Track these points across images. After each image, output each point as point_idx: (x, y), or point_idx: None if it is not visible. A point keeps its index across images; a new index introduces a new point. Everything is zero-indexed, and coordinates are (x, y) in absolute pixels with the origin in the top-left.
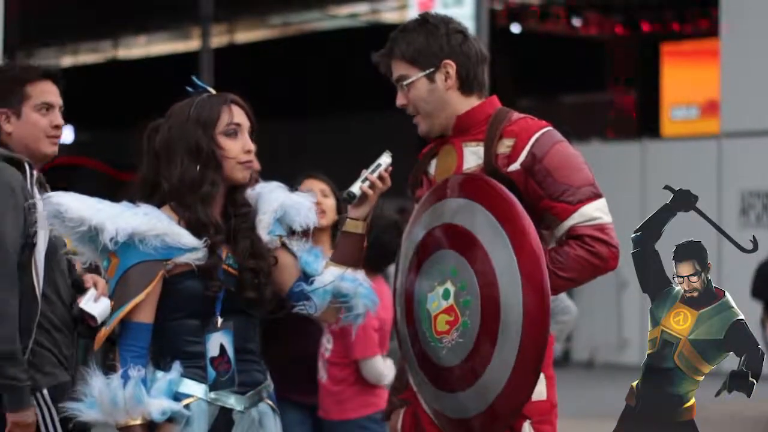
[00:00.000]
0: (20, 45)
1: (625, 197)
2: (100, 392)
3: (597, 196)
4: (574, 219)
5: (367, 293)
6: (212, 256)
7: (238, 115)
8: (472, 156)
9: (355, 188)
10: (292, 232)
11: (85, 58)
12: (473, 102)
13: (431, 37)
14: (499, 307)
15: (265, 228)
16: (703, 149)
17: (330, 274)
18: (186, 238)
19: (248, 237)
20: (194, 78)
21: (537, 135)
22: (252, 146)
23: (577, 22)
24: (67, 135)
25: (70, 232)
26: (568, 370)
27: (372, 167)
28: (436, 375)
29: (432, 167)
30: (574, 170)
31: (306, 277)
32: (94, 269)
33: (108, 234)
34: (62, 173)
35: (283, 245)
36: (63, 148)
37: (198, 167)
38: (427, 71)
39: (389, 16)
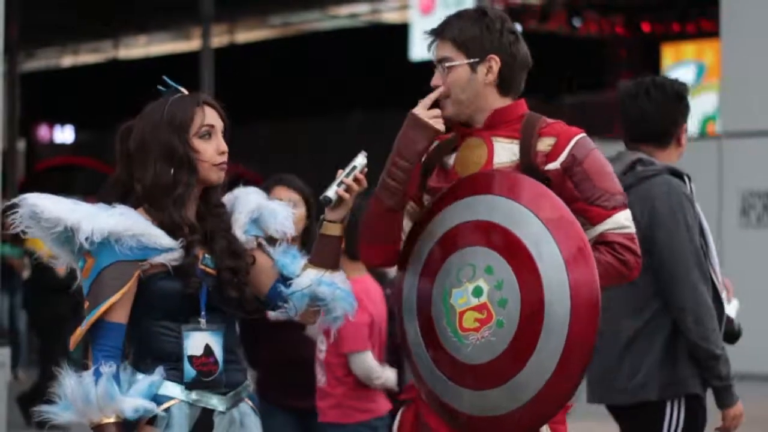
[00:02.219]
0: (21, 45)
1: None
2: (73, 391)
3: (626, 205)
4: (607, 225)
5: (344, 296)
6: (188, 256)
7: (211, 117)
8: (504, 152)
9: (331, 192)
10: (269, 239)
11: (86, 58)
12: (507, 101)
13: (485, 30)
14: (543, 311)
15: (240, 227)
16: (704, 149)
17: (307, 278)
18: (162, 239)
19: (225, 237)
20: (165, 78)
21: (577, 138)
22: (225, 147)
23: (577, 22)
24: (68, 135)
25: (46, 233)
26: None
27: (347, 170)
28: (455, 371)
29: (450, 158)
30: (609, 177)
31: (284, 279)
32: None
33: (84, 234)
34: (64, 173)
35: (260, 246)
36: (64, 148)
37: (172, 170)
38: (472, 60)
39: (389, 17)
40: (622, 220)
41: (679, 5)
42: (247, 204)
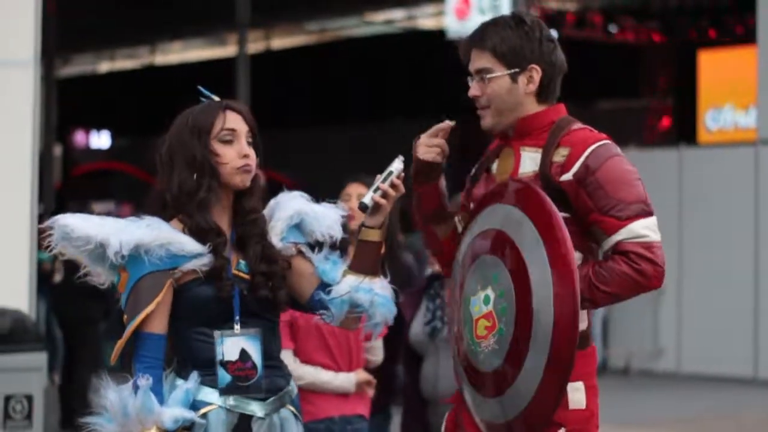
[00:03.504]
0: (58, 50)
1: (661, 204)
2: (113, 404)
3: (647, 213)
4: (621, 235)
5: (383, 302)
6: (218, 258)
7: (233, 121)
8: (529, 161)
9: (367, 198)
10: (318, 244)
11: (122, 63)
12: (540, 110)
13: (525, 39)
14: (532, 317)
15: (277, 234)
16: (740, 156)
17: (346, 284)
18: (189, 245)
19: (259, 243)
20: (200, 88)
21: (593, 147)
22: (248, 151)
23: (613, 28)
24: (104, 140)
25: (79, 252)
26: (604, 377)
27: (384, 175)
28: (476, 379)
29: (495, 167)
30: (627, 185)
31: (324, 285)
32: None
33: (113, 248)
34: (100, 178)
35: (300, 253)
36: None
37: (195, 176)
38: (513, 71)
39: (425, 23)
40: (639, 229)
41: (715, 12)
42: (285, 210)
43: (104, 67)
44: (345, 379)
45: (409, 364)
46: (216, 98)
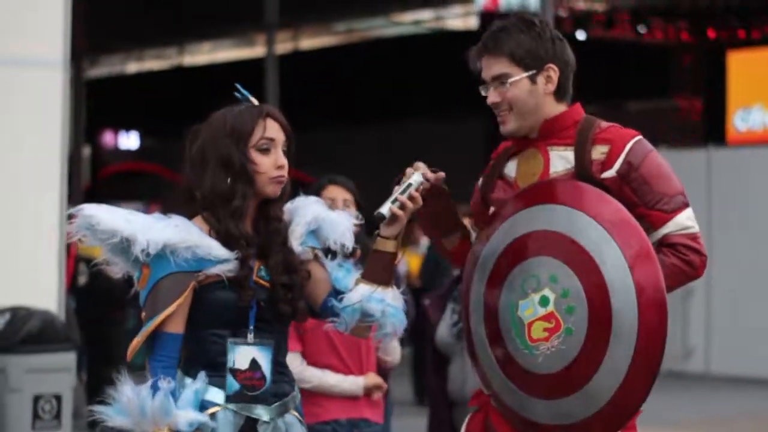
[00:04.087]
0: (87, 51)
1: (691, 204)
2: (129, 400)
3: (687, 205)
4: (669, 227)
5: (394, 312)
6: (243, 268)
7: (273, 130)
8: (560, 160)
9: (385, 209)
10: (329, 251)
11: (151, 64)
12: (562, 108)
13: (539, 40)
14: (611, 315)
15: (297, 239)
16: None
17: (358, 293)
18: (217, 249)
19: (281, 251)
20: (239, 86)
21: (631, 143)
22: (284, 161)
23: (642, 28)
24: (133, 141)
25: (102, 243)
26: None
27: (403, 186)
28: (527, 382)
29: (511, 170)
30: (668, 179)
31: (336, 293)
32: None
33: (139, 246)
34: (128, 179)
35: (316, 257)
36: (128, 154)
37: (229, 180)
38: (531, 72)
39: (453, 23)
40: (684, 221)
41: (745, 12)
42: (305, 215)
43: (133, 67)
44: (353, 383)
45: (436, 366)
46: (254, 99)
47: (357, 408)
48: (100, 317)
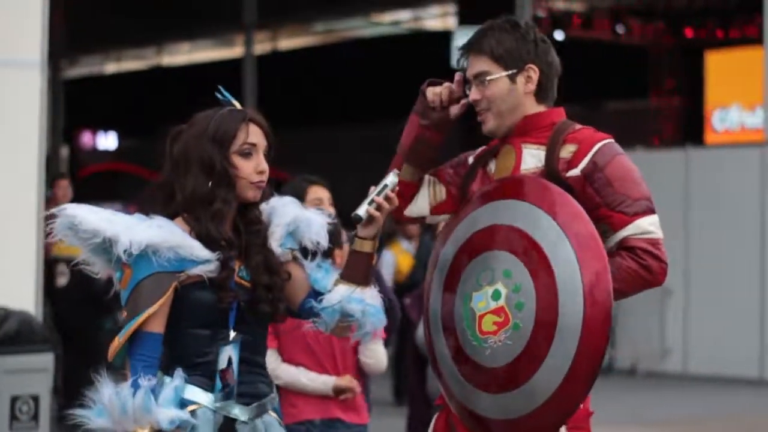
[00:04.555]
0: (65, 52)
1: (668, 205)
2: (110, 400)
3: (652, 211)
4: (629, 230)
5: (374, 312)
6: (224, 269)
7: (255, 135)
8: (531, 158)
9: (362, 211)
10: (305, 250)
11: (129, 65)
12: (542, 109)
13: (521, 41)
14: (557, 314)
15: (277, 240)
16: (747, 157)
17: (338, 294)
18: (199, 250)
19: (261, 252)
20: (221, 88)
21: (600, 144)
22: (265, 167)
23: (620, 29)
24: (111, 142)
25: (83, 243)
26: (610, 377)
27: (379, 188)
28: (474, 374)
29: (491, 166)
30: (633, 183)
31: (315, 293)
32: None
33: (122, 246)
34: (107, 180)
35: (295, 259)
36: (106, 154)
37: (210, 183)
38: (511, 72)
39: (432, 24)
40: (646, 226)
41: (723, 13)
42: (283, 216)
43: (111, 68)
44: (323, 383)
45: (415, 365)
46: (236, 102)
47: (328, 409)
48: (80, 319)
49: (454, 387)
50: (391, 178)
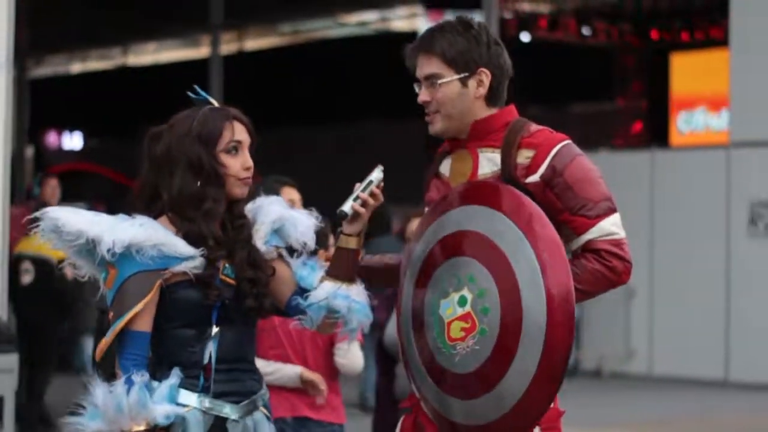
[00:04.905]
0: (30, 51)
1: (633, 206)
2: (104, 400)
3: (613, 210)
4: (592, 233)
5: (360, 308)
6: (210, 267)
7: (239, 132)
8: (488, 162)
9: (347, 207)
10: (292, 249)
11: (95, 64)
12: (492, 113)
13: (473, 43)
14: (522, 318)
15: (261, 238)
16: (712, 159)
17: (323, 290)
18: (182, 247)
19: (245, 248)
20: (197, 87)
21: (557, 148)
22: (251, 163)
23: (586, 31)
24: (76, 141)
25: (67, 246)
26: (575, 379)
27: (364, 184)
28: (445, 381)
29: (445, 169)
30: (593, 184)
31: (302, 290)
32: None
33: (105, 245)
34: (73, 180)
35: (280, 257)
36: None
37: (198, 183)
38: (463, 75)
39: (398, 25)
40: (608, 227)
41: (688, 14)
42: (268, 214)
43: (76, 68)
44: (286, 372)
45: (382, 365)
46: (213, 101)
47: (296, 407)
48: (42, 317)
49: (428, 393)
50: (375, 174)
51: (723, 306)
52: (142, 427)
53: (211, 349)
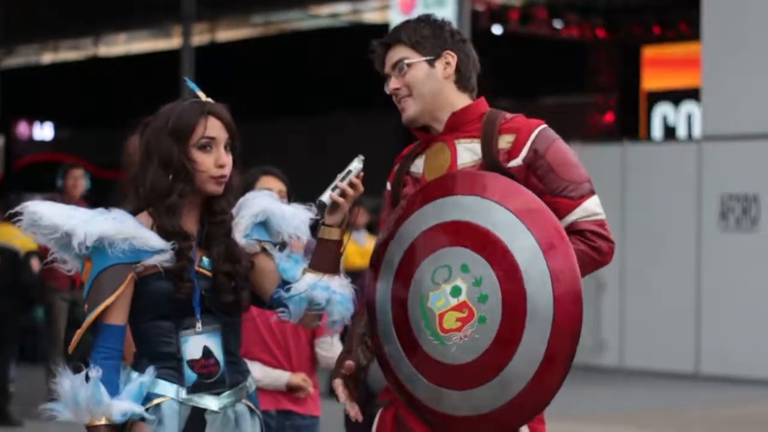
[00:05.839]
0: (1, 41)
1: (604, 199)
2: (65, 393)
3: (593, 192)
4: (576, 214)
5: (341, 300)
6: (181, 259)
7: (214, 128)
8: (467, 152)
9: (326, 197)
10: (283, 244)
11: (66, 55)
12: (466, 99)
13: (437, 30)
14: (525, 302)
15: (241, 231)
16: (683, 152)
17: (304, 282)
18: (153, 240)
19: (223, 242)
20: (186, 79)
21: (537, 131)
22: (225, 160)
23: (558, 24)
24: (47, 132)
25: (47, 240)
26: None
27: (343, 174)
28: (439, 374)
29: (418, 166)
30: (574, 166)
31: (285, 284)
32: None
33: (77, 239)
34: (43, 170)
35: (264, 251)
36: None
37: (170, 177)
38: (429, 57)
39: (370, 17)
40: (592, 207)
41: (660, 9)
42: (250, 207)
43: (48, 58)
44: (276, 378)
45: None
46: (201, 93)
47: (279, 401)
48: (5, 307)
49: (415, 389)
50: (355, 164)
51: (693, 299)
52: (103, 422)
53: (205, 342)
